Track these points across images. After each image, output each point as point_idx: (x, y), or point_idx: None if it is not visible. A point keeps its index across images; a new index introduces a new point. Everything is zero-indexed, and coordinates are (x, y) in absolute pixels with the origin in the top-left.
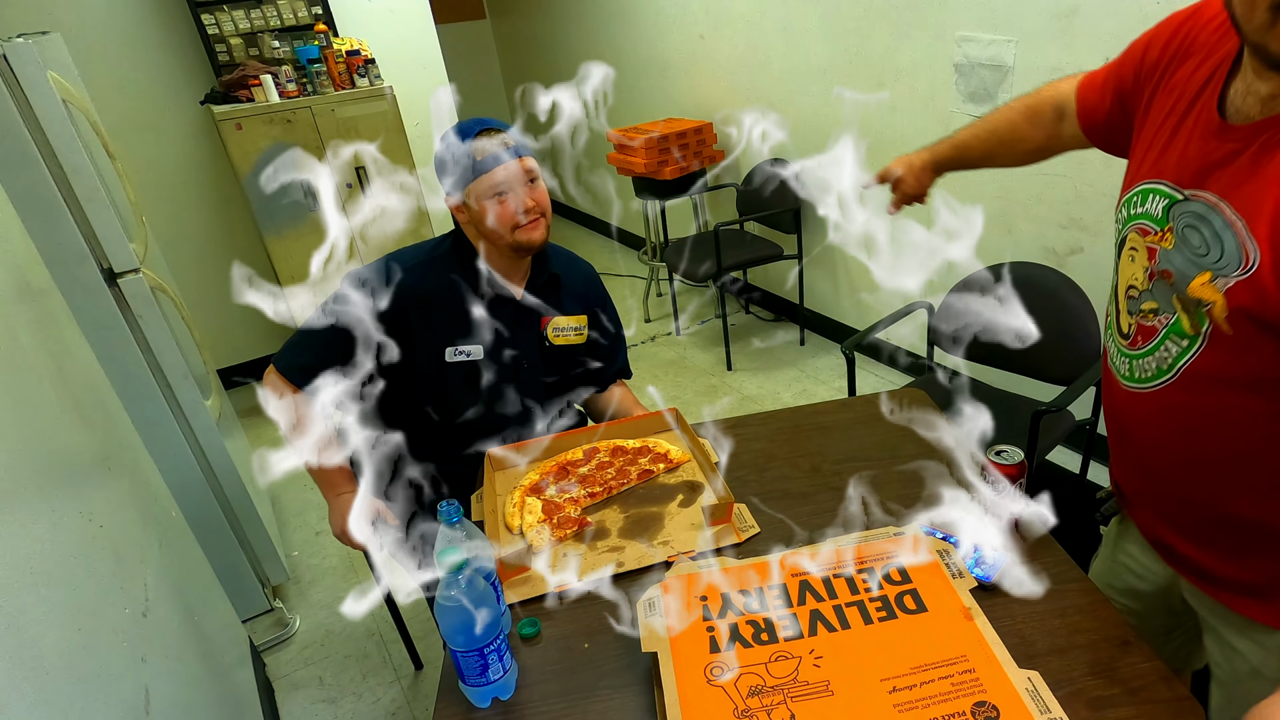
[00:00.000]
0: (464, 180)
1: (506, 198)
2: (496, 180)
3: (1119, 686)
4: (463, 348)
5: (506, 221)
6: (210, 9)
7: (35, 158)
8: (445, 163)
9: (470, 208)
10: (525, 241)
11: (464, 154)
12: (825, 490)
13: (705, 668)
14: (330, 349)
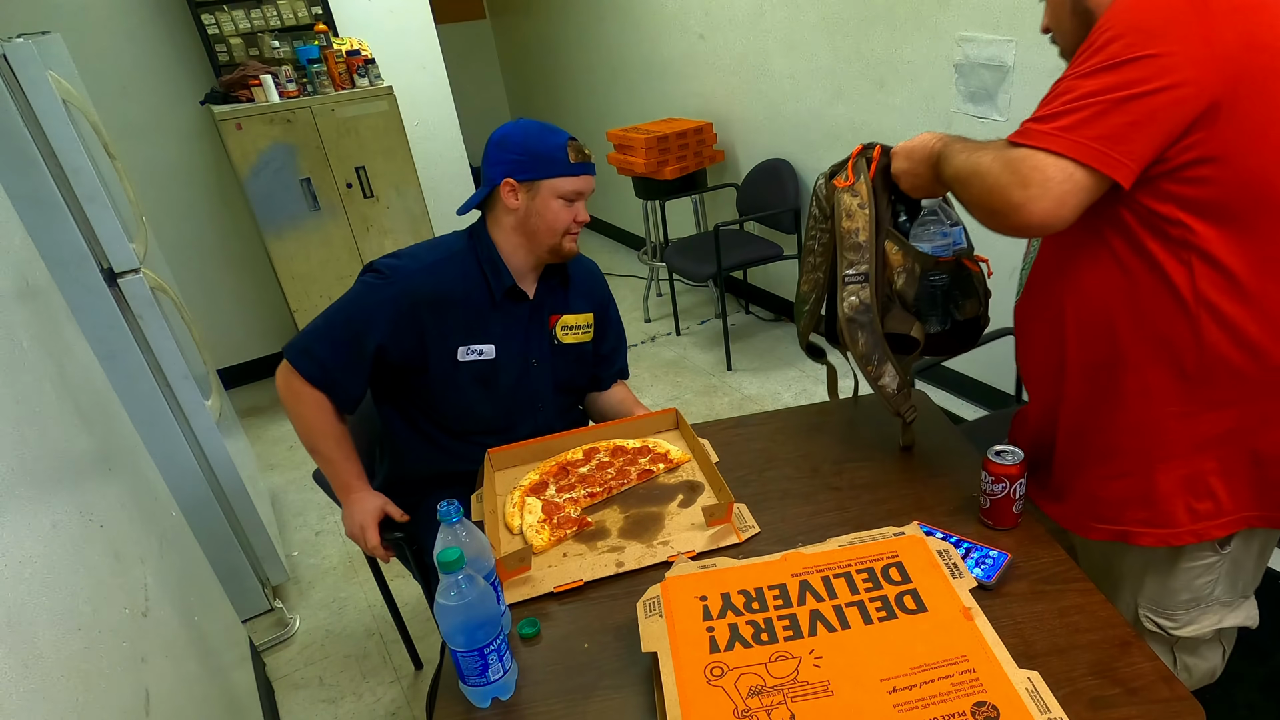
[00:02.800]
0: (547, 172)
1: (573, 205)
2: (577, 187)
3: (1119, 686)
4: (475, 347)
5: (562, 225)
6: (210, 9)
7: (35, 158)
8: (527, 148)
9: (533, 198)
10: (566, 250)
11: (558, 149)
12: (825, 490)
13: (705, 668)
14: (343, 348)
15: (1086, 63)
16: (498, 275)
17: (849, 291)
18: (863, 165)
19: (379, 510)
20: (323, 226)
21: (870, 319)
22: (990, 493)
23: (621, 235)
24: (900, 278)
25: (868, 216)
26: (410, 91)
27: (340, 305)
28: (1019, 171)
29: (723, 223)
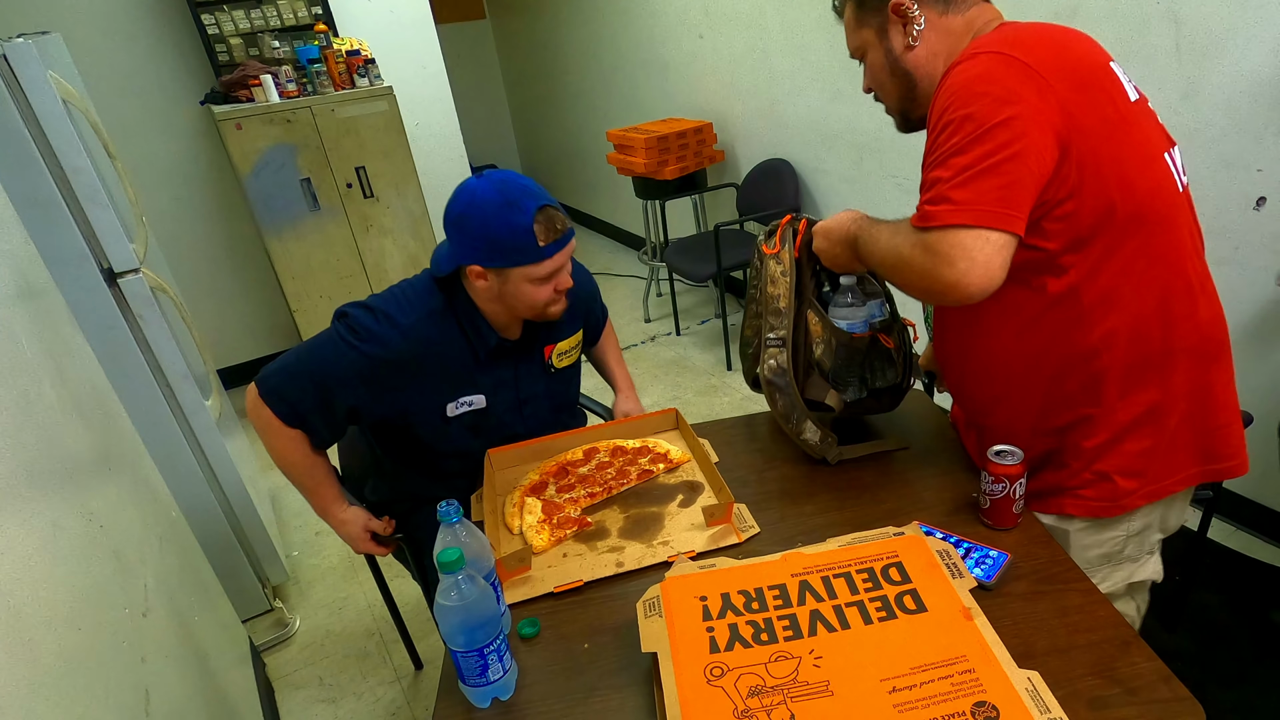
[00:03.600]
0: (514, 260)
1: (549, 281)
2: (554, 267)
3: (1119, 686)
4: (464, 399)
5: (541, 302)
6: (210, 9)
7: (35, 158)
8: (488, 236)
9: (504, 283)
10: (551, 315)
11: (523, 233)
12: (825, 490)
13: (705, 668)
14: (313, 398)
15: (950, 141)
16: (480, 336)
17: (769, 354)
18: (789, 234)
19: (365, 529)
20: (323, 226)
21: (787, 382)
22: (990, 493)
23: (621, 235)
24: (819, 348)
25: (789, 284)
26: (410, 91)
27: (311, 355)
28: (940, 252)
29: (723, 223)
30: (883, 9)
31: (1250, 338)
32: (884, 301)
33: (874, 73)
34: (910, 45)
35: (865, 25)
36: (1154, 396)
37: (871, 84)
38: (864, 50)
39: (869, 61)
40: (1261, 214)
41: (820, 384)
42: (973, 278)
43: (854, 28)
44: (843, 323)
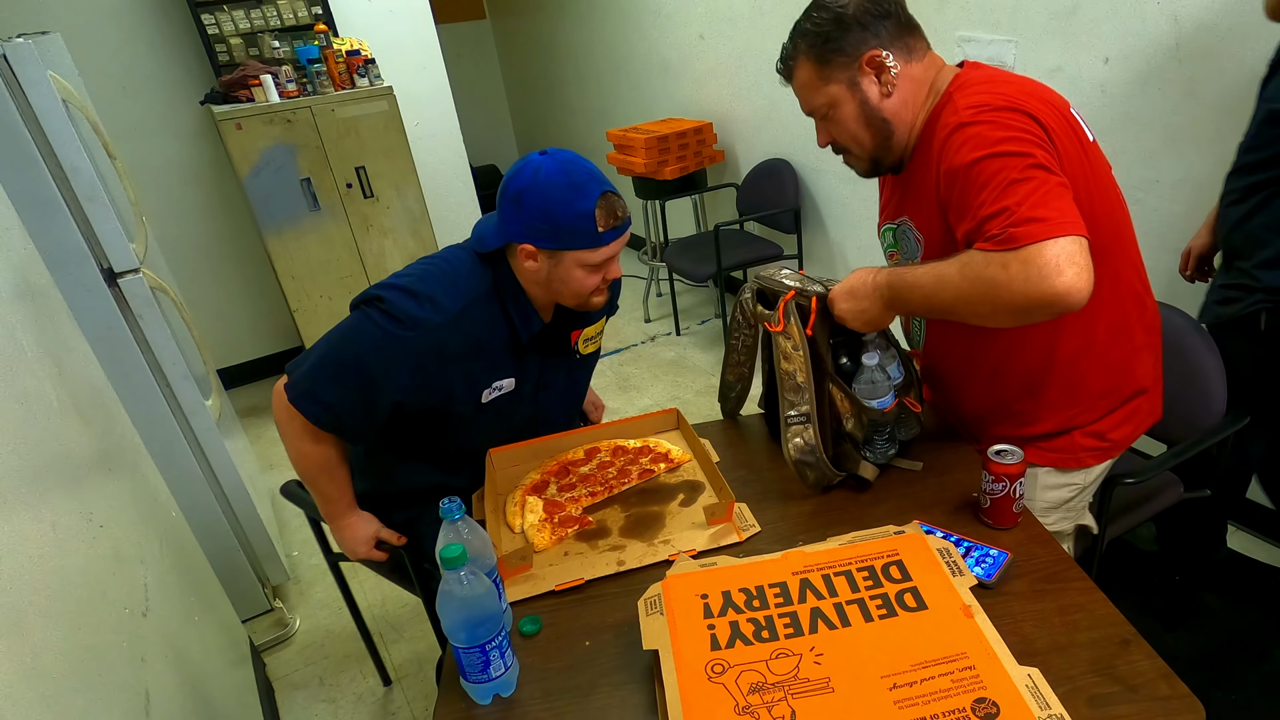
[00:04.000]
0: (571, 244)
1: (599, 270)
2: (608, 255)
3: (1119, 684)
4: (498, 383)
5: (588, 290)
6: (210, 9)
7: (35, 158)
8: (550, 218)
9: (555, 265)
10: (594, 305)
11: (585, 218)
12: (825, 489)
13: (706, 665)
14: (354, 395)
15: (1002, 174)
16: (526, 320)
17: (793, 433)
18: (793, 309)
19: (373, 537)
20: (323, 226)
21: (818, 459)
22: (990, 492)
23: None
24: (849, 421)
25: (803, 358)
26: (410, 91)
27: (350, 350)
28: (1046, 264)
29: (723, 223)
30: (852, 63)
31: None
32: (900, 362)
33: (844, 125)
34: (887, 94)
35: (832, 81)
36: (1123, 381)
37: (838, 137)
38: (830, 106)
39: (838, 115)
40: None
41: (853, 455)
42: (1083, 281)
43: (816, 85)
44: (872, 401)
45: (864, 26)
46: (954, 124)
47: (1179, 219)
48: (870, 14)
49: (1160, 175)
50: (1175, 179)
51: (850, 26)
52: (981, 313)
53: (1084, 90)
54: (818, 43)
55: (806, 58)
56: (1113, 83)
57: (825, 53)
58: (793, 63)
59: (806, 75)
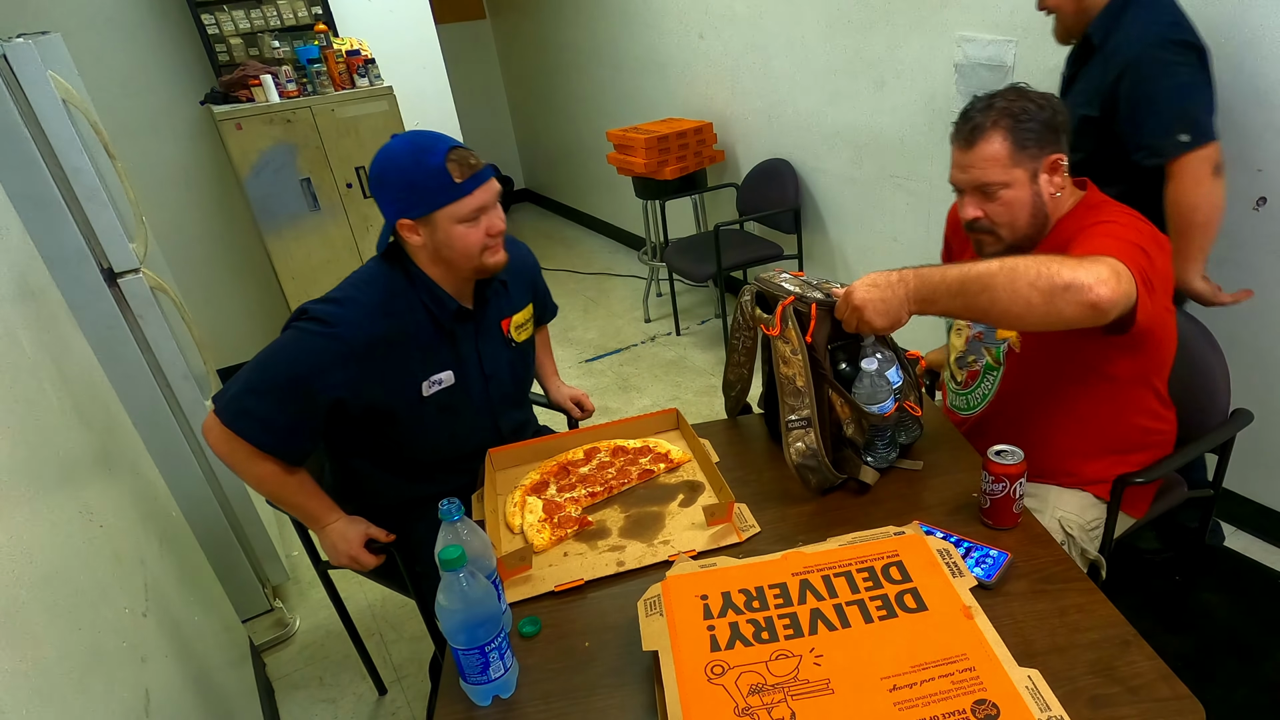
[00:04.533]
0: (437, 202)
1: (479, 222)
2: (477, 204)
3: (1119, 685)
4: (435, 377)
5: (475, 246)
6: (210, 9)
7: (35, 158)
8: (405, 182)
9: (434, 232)
10: (491, 265)
11: (439, 173)
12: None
13: (705, 666)
14: (290, 405)
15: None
16: (440, 303)
17: (794, 438)
18: (790, 315)
19: (363, 536)
20: (323, 226)
21: (819, 463)
22: (990, 492)
23: (621, 235)
24: (849, 427)
25: (802, 362)
26: (410, 91)
27: (279, 358)
28: (1103, 265)
29: (723, 223)
30: (1040, 158)
31: (1249, 337)
32: (899, 367)
33: (1009, 208)
34: (1054, 195)
35: (1019, 166)
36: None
37: (995, 216)
38: (1005, 187)
39: (1008, 198)
40: (1261, 214)
41: (854, 460)
42: (1119, 294)
43: (1004, 163)
44: (872, 407)
45: (1057, 133)
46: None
47: None
48: (1063, 125)
49: None
50: None
51: (1051, 127)
52: (1018, 294)
53: None
54: (1018, 127)
55: (1004, 135)
56: None
57: (1024, 139)
58: (982, 134)
59: (997, 151)
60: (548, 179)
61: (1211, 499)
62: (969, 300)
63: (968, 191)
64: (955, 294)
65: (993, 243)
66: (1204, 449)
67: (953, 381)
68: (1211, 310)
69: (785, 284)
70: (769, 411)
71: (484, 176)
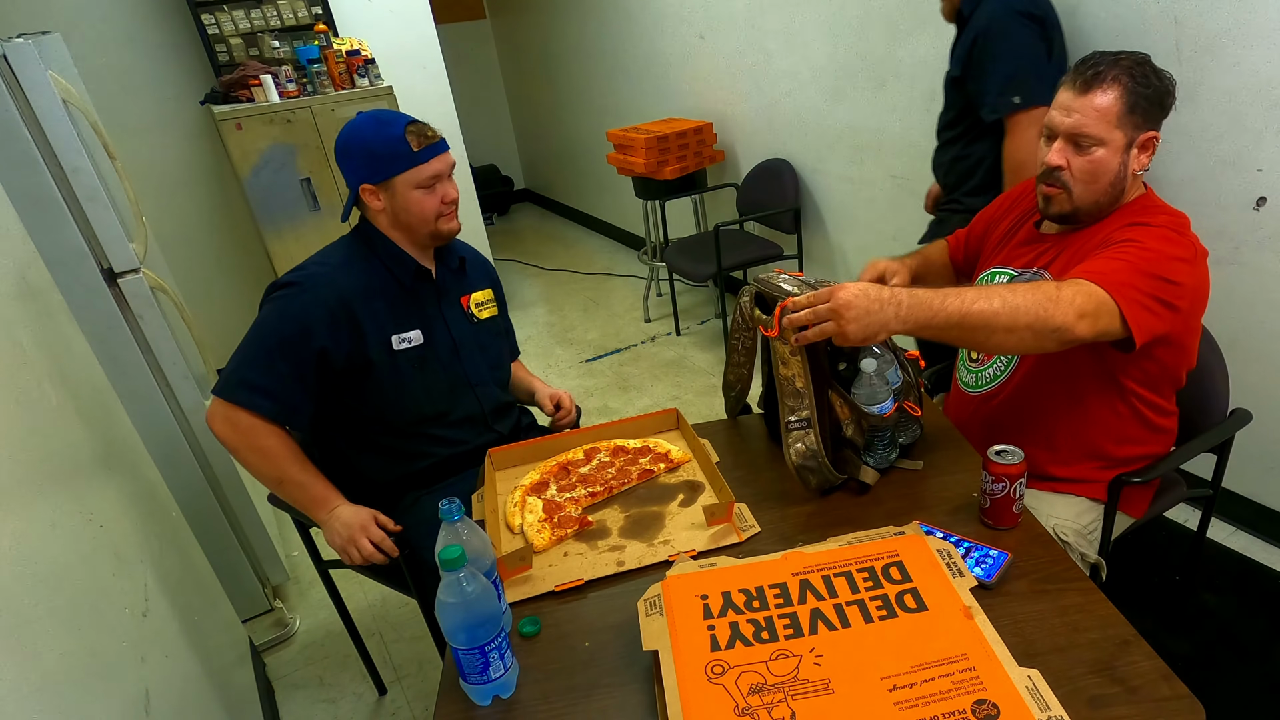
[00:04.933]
0: (395, 169)
1: (435, 189)
2: (432, 172)
3: (1119, 685)
4: (404, 334)
5: (431, 211)
6: (210, 9)
7: (35, 158)
8: (367, 150)
9: (393, 196)
10: (446, 231)
11: (397, 142)
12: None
13: (705, 666)
14: (284, 365)
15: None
16: (401, 263)
17: (794, 439)
18: (788, 314)
19: (372, 518)
20: (323, 226)
21: (819, 464)
22: (990, 492)
23: (621, 235)
24: (849, 427)
25: (801, 363)
26: (410, 91)
27: (264, 329)
28: (1090, 298)
29: (723, 223)
30: (1144, 125)
31: (1248, 337)
32: (898, 367)
33: (1095, 165)
34: (1137, 174)
35: (1122, 127)
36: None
37: (1078, 170)
38: (1100, 143)
39: (1098, 155)
40: (1261, 214)
41: (854, 461)
42: (1088, 333)
43: (1110, 119)
44: (872, 407)
45: (1163, 112)
46: (1129, 232)
47: None
48: (1168, 108)
49: (1160, 175)
50: (1175, 179)
51: (1160, 105)
52: (1014, 334)
53: None
54: (1136, 89)
55: (1121, 92)
56: None
57: (1137, 102)
58: (1100, 83)
59: (1109, 104)
60: (548, 179)
61: (1212, 498)
62: (965, 334)
63: (1061, 136)
64: (951, 326)
65: (1062, 200)
66: (1203, 448)
67: (968, 357)
68: (1211, 310)
69: (784, 284)
70: (768, 412)
71: (440, 148)
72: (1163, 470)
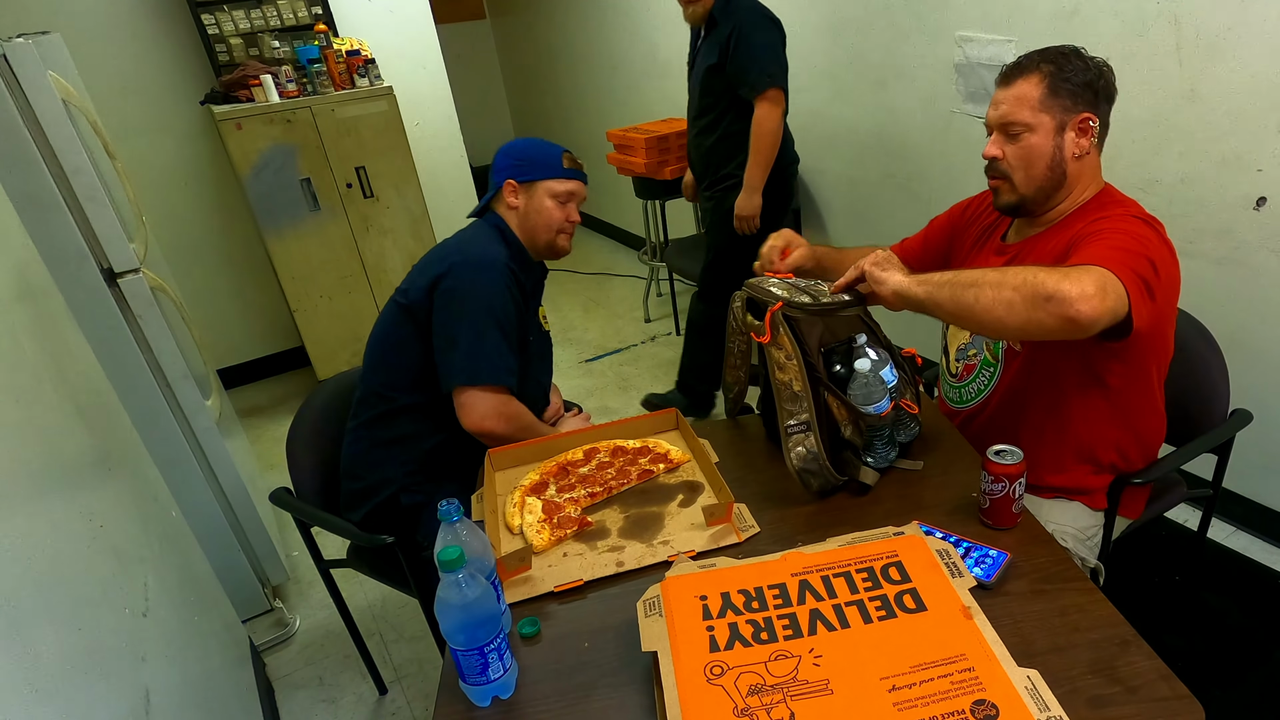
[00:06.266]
0: (546, 174)
1: (565, 206)
2: (571, 188)
3: (1118, 685)
4: (532, 323)
5: (556, 222)
6: (210, 9)
7: (35, 158)
8: (527, 155)
9: (531, 197)
10: (561, 247)
11: (556, 157)
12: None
13: (705, 667)
14: (508, 339)
15: (1118, 241)
16: (529, 265)
17: (794, 442)
18: (780, 320)
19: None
20: (323, 226)
21: (821, 466)
22: (990, 492)
23: (621, 235)
24: (847, 428)
25: (797, 367)
26: (410, 91)
27: (479, 306)
28: (1094, 278)
29: None
30: (1072, 111)
31: (1248, 337)
32: (893, 365)
33: (1028, 152)
34: (1076, 155)
35: (1047, 112)
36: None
37: (1013, 159)
38: (1028, 130)
39: (1029, 142)
40: (1261, 214)
41: (854, 462)
42: (1103, 310)
43: (1033, 105)
44: (868, 407)
45: (1097, 96)
46: (1108, 206)
47: (1179, 219)
48: (1106, 92)
49: (1160, 175)
50: (1175, 179)
51: (1092, 88)
52: (1001, 295)
53: None
54: (1057, 74)
55: (1041, 78)
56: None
57: (1059, 86)
58: (1021, 74)
59: (1030, 90)
60: None
61: (1212, 498)
62: (956, 292)
63: (995, 129)
64: (944, 283)
65: (1007, 191)
66: (1203, 449)
67: (948, 374)
68: (1211, 310)
69: (773, 289)
70: (766, 414)
71: (582, 176)
72: (1163, 471)
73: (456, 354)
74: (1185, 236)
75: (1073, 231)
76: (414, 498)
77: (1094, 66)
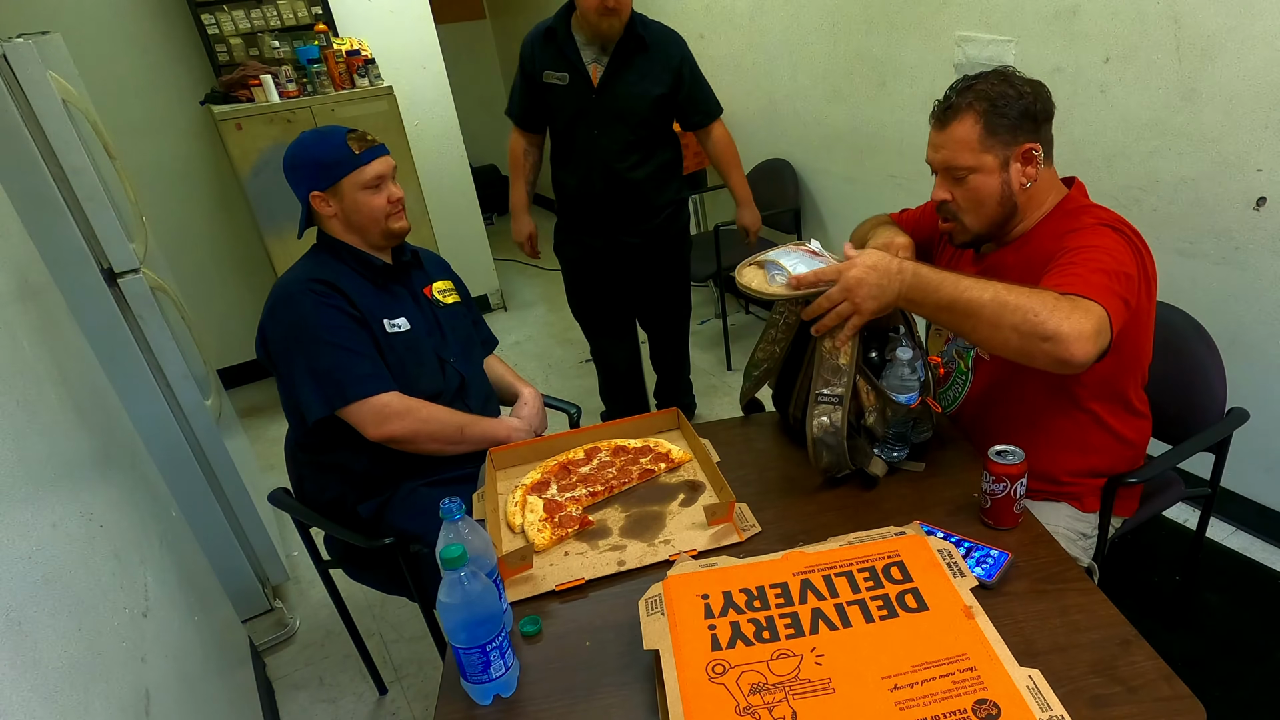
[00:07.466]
0: (340, 172)
1: (380, 189)
2: (375, 173)
3: (1119, 685)
4: (393, 320)
5: (380, 211)
6: (210, 9)
7: (35, 158)
8: (313, 160)
9: (342, 200)
10: (397, 229)
11: (340, 148)
12: (826, 489)
13: (707, 665)
14: (359, 344)
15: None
16: (367, 262)
17: (820, 411)
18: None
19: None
20: None
21: (838, 442)
22: (991, 492)
23: None
24: (871, 415)
25: (854, 343)
26: (410, 91)
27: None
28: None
29: (722, 223)
30: (1012, 145)
31: (1248, 337)
32: (924, 360)
33: (976, 193)
34: (1025, 185)
35: (989, 151)
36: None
37: (962, 201)
38: (973, 171)
39: (975, 183)
40: (1261, 214)
41: (866, 450)
42: (1091, 354)
43: (973, 147)
44: (900, 396)
45: (1035, 121)
46: (1072, 224)
47: (1179, 219)
48: (1044, 114)
49: (1160, 175)
50: (1175, 179)
51: (1030, 115)
52: (998, 332)
53: (1084, 90)
54: (992, 111)
55: (976, 118)
56: (1112, 83)
57: (996, 124)
58: (955, 116)
59: (967, 133)
60: (547, 178)
61: (1210, 498)
62: (953, 319)
63: (939, 173)
64: (942, 308)
65: (960, 231)
66: (1199, 448)
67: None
68: (1211, 310)
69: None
70: (779, 390)
71: (380, 151)
72: (1157, 471)
73: (308, 389)
74: (1185, 236)
75: (1044, 245)
76: (370, 506)
77: (1028, 92)
